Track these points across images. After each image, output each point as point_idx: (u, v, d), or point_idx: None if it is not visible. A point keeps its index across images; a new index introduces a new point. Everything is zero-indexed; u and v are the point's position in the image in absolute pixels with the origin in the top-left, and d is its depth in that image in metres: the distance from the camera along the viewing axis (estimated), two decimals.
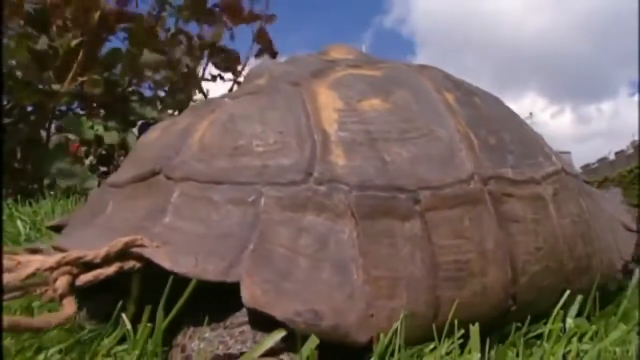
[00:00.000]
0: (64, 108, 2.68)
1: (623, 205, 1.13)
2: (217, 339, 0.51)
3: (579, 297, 0.68)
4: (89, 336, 0.58)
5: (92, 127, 2.51)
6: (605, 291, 0.84)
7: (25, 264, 0.51)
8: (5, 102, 2.34)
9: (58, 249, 0.55)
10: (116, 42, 2.78)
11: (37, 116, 2.53)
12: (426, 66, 0.83)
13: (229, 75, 3.12)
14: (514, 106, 0.89)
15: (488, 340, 0.60)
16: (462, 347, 0.58)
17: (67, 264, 0.51)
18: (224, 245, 0.55)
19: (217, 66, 3.05)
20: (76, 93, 2.59)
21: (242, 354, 0.50)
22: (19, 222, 1.22)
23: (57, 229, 0.75)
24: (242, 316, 0.53)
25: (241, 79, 3.12)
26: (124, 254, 0.53)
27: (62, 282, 0.50)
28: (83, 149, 2.70)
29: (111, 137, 2.53)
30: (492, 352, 0.60)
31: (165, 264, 0.51)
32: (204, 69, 3.14)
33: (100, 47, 2.65)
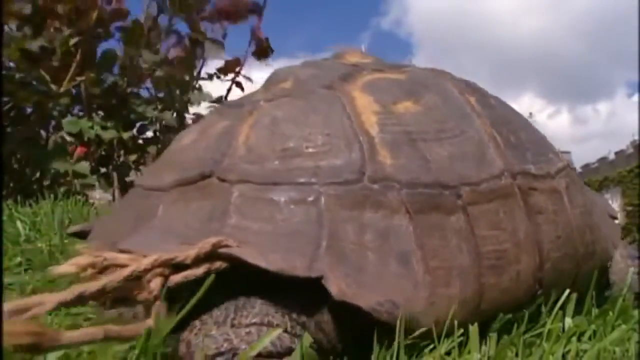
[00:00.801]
0: (62, 109, 2.68)
1: (603, 196, 1.25)
2: (223, 336, 0.51)
3: (573, 296, 0.69)
4: None
5: (91, 128, 2.51)
6: (601, 288, 0.86)
7: (110, 260, 0.52)
8: (4, 103, 2.34)
9: (126, 252, 0.56)
10: (113, 42, 2.78)
11: (36, 117, 2.54)
12: (440, 70, 0.87)
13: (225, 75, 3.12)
14: (512, 106, 0.92)
15: (487, 340, 0.60)
16: (461, 347, 0.59)
17: (159, 265, 0.52)
18: (298, 243, 0.57)
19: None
20: (75, 93, 2.59)
21: None
22: (18, 223, 1.22)
23: (81, 234, 0.76)
24: (251, 317, 0.53)
25: (239, 79, 3.11)
26: (211, 255, 0.54)
27: (156, 284, 0.51)
28: (84, 149, 2.69)
29: (109, 134, 2.53)
30: (492, 352, 0.60)
31: (260, 263, 0.53)
32: (201, 68, 3.14)
33: (97, 47, 2.65)
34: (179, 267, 0.53)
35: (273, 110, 0.70)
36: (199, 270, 0.53)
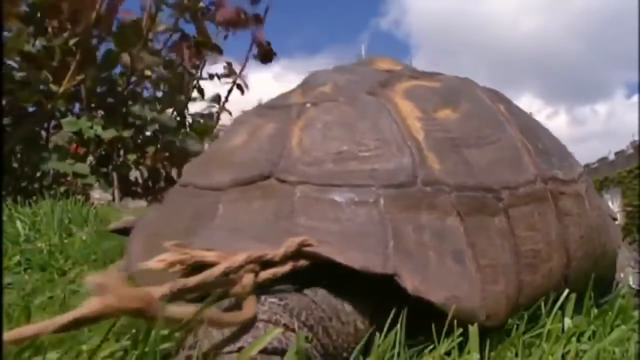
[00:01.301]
0: (62, 108, 2.67)
1: (603, 197, 1.33)
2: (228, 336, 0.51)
3: (573, 296, 0.70)
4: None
5: (91, 127, 2.51)
6: (608, 288, 0.87)
7: (197, 258, 0.53)
8: (4, 103, 2.34)
9: (200, 250, 0.57)
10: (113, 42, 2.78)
11: (36, 116, 2.53)
12: (466, 78, 0.91)
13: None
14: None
15: (487, 341, 0.60)
16: (461, 347, 0.59)
17: (251, 262, 0.54)
18: (369, 242, 0.60)
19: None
20: (75, 93, 2.59)
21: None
22: (18, 223, 1.22)
23: (122, 232, 0.79)
24: (260, 314, 0.53)
25: (239, 81, 3.11)
26: (297, 253, 0.56)
27: (248, 279, 0.53)
28: (83, 149, 2.69)
29: (109, 134, 2.52)
30: (492, 353, 0.60)
31: (345, 261, 0.56)
32: (201, 69, 3.14)
33: (96, 47, 2.65)
34: (266, 264, 0.55)
35: (322, 115, 0.73)
36: (285, 268, 0.55)
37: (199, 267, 0.53)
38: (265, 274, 0.54)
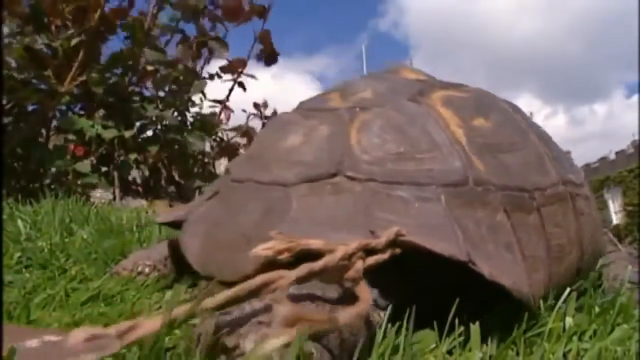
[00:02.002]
0: (64, 108, 2.67)
1: None
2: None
3: (574, 295, 0.73)
4: None
5: (92, 127, 2.51)
6: (595, 286, 0.89)
7: (303, 246, 0.57)
8: (5, 102, 2.34)
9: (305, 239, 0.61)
10: (116, 41, 2.78)
11: (37, 116, 2.53)
12: (486, 91, 0.98)
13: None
14: None
15: (489, 339, 0.60)
16: (463, 345, 0.58)
17: (360, 250, 0.58)
18: (442, 233, 0.66)
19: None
20: (77, 93, 2.59)
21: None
22: (19, 222, 1.22)
23: (173, 224, 0.85)
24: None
25: (241, 79, 3.11)
26: (393, 242, 0.62)
27: (360, 265, 0.57)
28: (84, 148, 2.69)
29: (110, 133, 2.52)
30: (493, 351, 0.60)
31: (439, 250, 0.62)
32: (202, 68, 3.13)
33: (100, 47, 2.65)
34: (370, 252, 0.60)
35: (375, 118, 0.79)
36: (385, 255, 0.60)
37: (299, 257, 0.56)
38: (371, 260, 0.59)
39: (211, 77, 3.12)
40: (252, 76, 3.10)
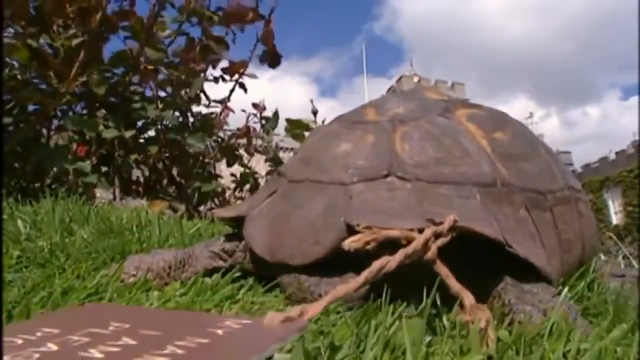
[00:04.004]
0: (65, 107, 2.67)
1: None
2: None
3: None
4: None
5: (94, 126, 2.50)
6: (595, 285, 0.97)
7: (385, 235, 0.70)
8: (5, 102, 2.34)
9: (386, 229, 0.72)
10: (117, 41, 2.78)
11: (38, 116, 2.53)
12: (496, 109, 1.14)
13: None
14: (505, 108, 1.17)
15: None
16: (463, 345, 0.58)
17: (432, 235, 0.70)
18: (484, 222, 0.78)
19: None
20: (78, 93, 2.59)
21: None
22: (19, 222, 1.22)
23: (235, 220, 0.94)
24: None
25: (243, 80, 3.10)
26: (453, 228, 0.73)
27: (434, 248, 0.69)
28: (85, 148, 2.69)
29: (110, 133, 2.52)
30: (492, 350, 0.60)
31: (492, 235, 0.75)
32: (205, 70, 3.12)
33: (102, 47, 2.64)
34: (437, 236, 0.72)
35: (414, 130, 0.92)
36: (447, 239, 0.72)
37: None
38: (438, 243, 0.70)
39: (215, 79, 3.11)
40: (254, 75, 3.09)
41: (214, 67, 3.05)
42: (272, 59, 3.06)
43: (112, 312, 0.60)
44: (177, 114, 2.91)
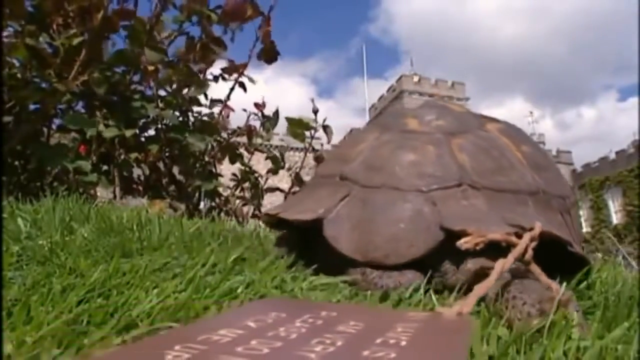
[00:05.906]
0: (64, 106, 2.67)
1: None
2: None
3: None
4: None
5: (94, 125, 2.50)
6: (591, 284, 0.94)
7: (490, 237, 0.77)
8: (5, 101, 2.34)
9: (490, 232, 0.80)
10: (117, 40, 2.78)
11: (38, 115, 2.53)
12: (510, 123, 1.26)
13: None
14: (503, 111, 1.30)
15: (488, 338, 0.60)
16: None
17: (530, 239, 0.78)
18: (551, 225, 0.88)
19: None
20: (78, 92, 2.59)
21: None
22: (19, 220, 1.22)
23: (278, 219, 1.03)
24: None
25: (242, 79, 3.10)
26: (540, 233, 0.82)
27: (531, 250, 0.77)
28: (84, 147, 2.68)
29: (111, 132, 2.52)
30: (492, 350, 0.60)
31: (565, 238, 0.88)
32: (206, 69, 3.12)
33: (102, 46, 2.64)
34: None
35: (466, 142, 1.01)
36: (535, 242, 0.79)
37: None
38: (532, 245, 0.78)
39: (215, 78, 3.11)
40: (251, 80, 3.10)
41: (211, 66, 3.05)
42: (269, 55, 3.05)
43: (293, 306, 0.63)
44: (177, 113, 2.91)
